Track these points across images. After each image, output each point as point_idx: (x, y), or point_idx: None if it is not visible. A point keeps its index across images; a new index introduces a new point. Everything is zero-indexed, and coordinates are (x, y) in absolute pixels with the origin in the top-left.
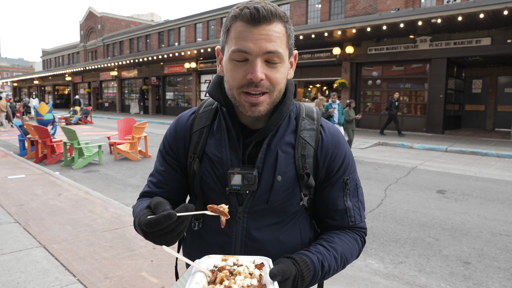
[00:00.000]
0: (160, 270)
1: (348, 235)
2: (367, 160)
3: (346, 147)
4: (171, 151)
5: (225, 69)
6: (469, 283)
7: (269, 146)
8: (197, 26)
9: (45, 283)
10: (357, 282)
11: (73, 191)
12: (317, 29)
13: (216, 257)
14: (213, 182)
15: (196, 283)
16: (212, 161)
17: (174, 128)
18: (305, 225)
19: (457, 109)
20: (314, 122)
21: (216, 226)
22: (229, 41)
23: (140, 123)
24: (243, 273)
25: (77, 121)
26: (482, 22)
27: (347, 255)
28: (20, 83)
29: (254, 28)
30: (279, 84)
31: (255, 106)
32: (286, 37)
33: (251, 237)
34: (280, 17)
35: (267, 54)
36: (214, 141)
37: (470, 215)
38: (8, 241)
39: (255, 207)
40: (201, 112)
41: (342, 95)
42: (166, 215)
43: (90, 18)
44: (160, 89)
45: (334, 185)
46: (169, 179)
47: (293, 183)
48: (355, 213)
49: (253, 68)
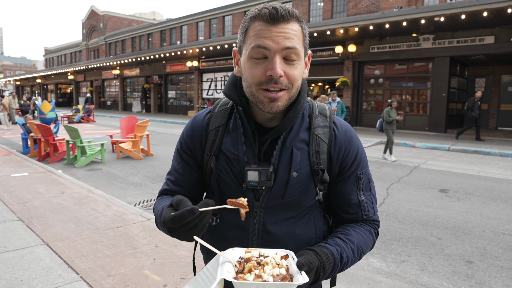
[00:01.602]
0: (162, 268)
1: (362, 227)
2: (370, 158)
3: (358, 143)
4: (188, 150)
5: (243, 68)
6: (472, 282)
7: (284, 143)
8: (199, 25)
9: (49, 281)
10: (359, 280)
11: (75, 189)
12: (319, 28)
13: (240, 249)
14: (229, 179)
15: (227, 271)
16: (229, 158)
17: (191, 127)
18: (319, 219)
19: (459, 108)
20: (327, 120)
21: (233, 221)
22: (247, 40)
23: (142, 122)
24: (271, 263)
25: (79, 119)
26: (486, 20)
27: (363, 247)
28: (22, 81)
29: (273, 26)
30: (296, 81)
31: (274, 101)
32: (302, 36)
33: (268, 231)
34: (296, 17)
35: (286, 51)
36: (230, 139)
37: (472, 214)
38: (12, 239)
39: (271, 202)
40: (216, 111)
41: (344, 94)
42: (189, 210)
43: (92, 17)
44: (162, 88)
45: (347, 180)
46: (186, 176)
47: (308, 178)
48: (368, 207)
49: (273, 65)
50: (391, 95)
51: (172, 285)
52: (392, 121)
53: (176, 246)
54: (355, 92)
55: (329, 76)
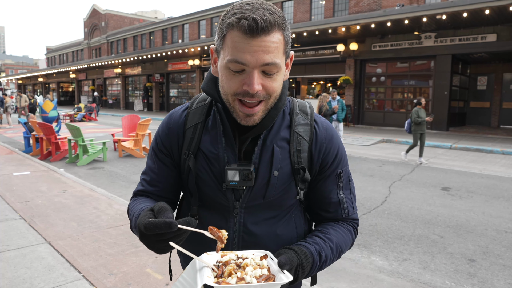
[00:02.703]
0: (164, 267)
1: (342, 226)
2: (371, 157)
3: (339, 141)
4: (164, 148)
5: (220, 74)
6: (474, 281)
7: (265, 141)
8: (201, 23)
9: (51, 279)
10: (362, 279)
11: (77, 188)
12: (321, 26)
13: (214, 253)
14: (209, 179)
15: (208, 276)
16: (208, 157)
17: (167, 125)
18: (300, 218)
19: (461, 106)
20: (308, 117)
21: (213, 222)
22: (225, 48)
23: (144, 120)
24: (251, 265)
25: (81, 118)
26: (488, 18)
27: (342, 246)
28: (24, 80)
29: (252, 39)
30: (275, 92)
31: (250, 116)
32: (283, 45)
33: (249, 232)
34: (278, 25)
35: (265, 66)
36: (209, 137)
37: (475, 212)
38: (14, 238)
39: (252, 202)
40: (194, 108)
41: (346, 92)
42: (167, 222)
43: (94, 16)
44: (164, 86)
45: (327, 179)
46: (162, 176)
47: (289, 177)
48: (348, 205)
49: (250, 81)
50: (393, 94)
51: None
52: (421, 122)
53: None
54: (357, 91)
55: (331, 75)
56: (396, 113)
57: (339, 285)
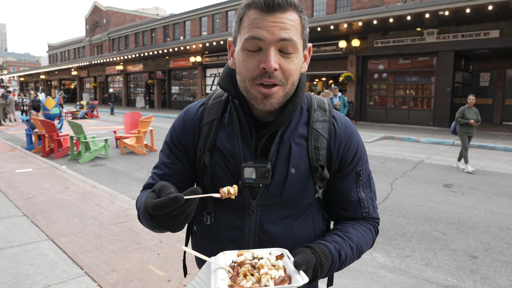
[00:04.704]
0: (167, 263)
1: (362, 225)
2: (373, 154)
3: (358, 138)
4: (179, 144)
5: (237, 60)
6: (476, 277)
7: (282, 138)
8: (202, 20)
9: (53, 276)
10: (364, 275)
11: (80, 184)
12: (323, 22)
13: (231, 252)
14: (225, 176)
15: (221, 279)
16: (224, 154)
17: (183, 121)
18: (317, 217)
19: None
20: (326, 114)
21: (228, 220)
22: (241, 30)
23: (146, 117)
24: (266, 265)
25: (83, 115)
26: (491, 14)
27: (362, 245)
28: (26, 77)
29: (268, 15)
30: (292, 76)
31: (267, 98)
32: (300, 27)
33: (265, 231)
34: (295, 6)
35: (281, 42)
36: (225, 134)
37: (477, 209)
38: (17, 234)
39: (269, 200)
40: (210, 104)
41: (348, 89)
42: (173, 198)
43: (95, 13)
44: (165, 83)
45: (347, 177)
46: (176, 172)
47: (307, 175)
48: (368, 204)
49: (267, 57)
50: (395, 90)
51: (176, 280)
52: (464, 123)
53: (180, 242)
54: (359, 87)
55: (333, 71)
56: (398, 110)
57: (341, 281)
